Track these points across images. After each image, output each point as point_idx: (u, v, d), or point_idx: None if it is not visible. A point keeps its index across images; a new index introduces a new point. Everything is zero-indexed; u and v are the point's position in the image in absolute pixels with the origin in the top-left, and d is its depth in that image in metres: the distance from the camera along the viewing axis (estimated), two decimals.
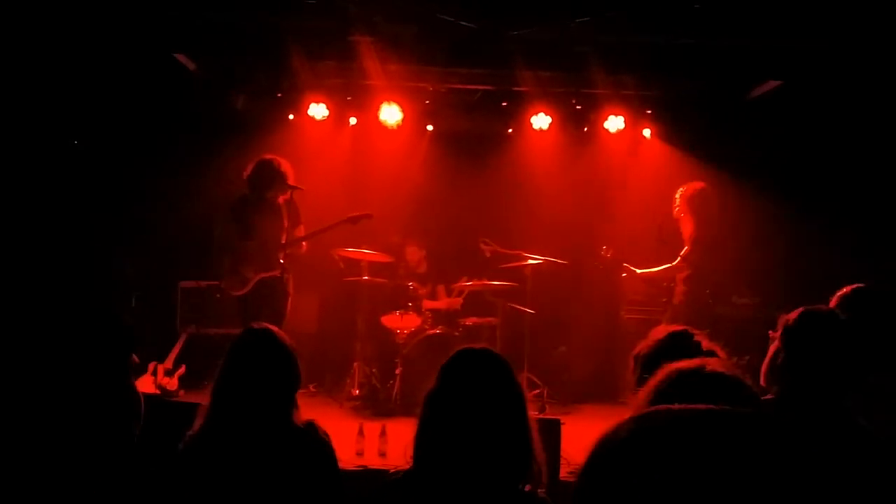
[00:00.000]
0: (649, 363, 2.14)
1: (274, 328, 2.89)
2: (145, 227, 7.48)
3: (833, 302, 3.14)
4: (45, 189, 6.97)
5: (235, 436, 2.65)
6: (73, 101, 6.94)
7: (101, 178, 7.44)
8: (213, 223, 6.23)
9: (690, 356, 1.75)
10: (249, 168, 6.08)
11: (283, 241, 5.96)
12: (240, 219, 6.08)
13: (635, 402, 1.62)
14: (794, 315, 2.69)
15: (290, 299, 6.09)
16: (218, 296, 7.37)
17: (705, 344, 2.14)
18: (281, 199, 6.02)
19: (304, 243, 6.11)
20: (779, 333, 2.71)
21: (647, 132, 8.22)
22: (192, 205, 7.29)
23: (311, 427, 2.78)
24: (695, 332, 2.25)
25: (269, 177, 5.98)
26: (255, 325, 2.90)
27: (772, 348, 2.74)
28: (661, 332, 2.24)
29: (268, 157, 6.12)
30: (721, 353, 2.14)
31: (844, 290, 3.17)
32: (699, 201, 6.02)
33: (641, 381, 2.21)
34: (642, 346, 2.21)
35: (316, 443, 2.77)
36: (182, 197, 7.41)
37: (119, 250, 7.53)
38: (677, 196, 6.10)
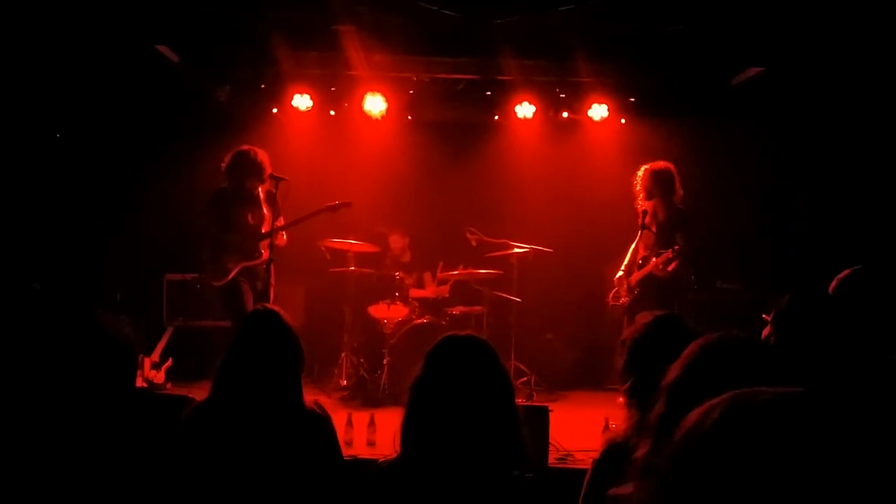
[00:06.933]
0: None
1: (278, 308, 2.93)
2: (130, 220, 7.44)
3: (833, 285, 3.13)
4: (26, 183, 6.90)
5: (245, 415, 2.66)
6: (54, 93, 6.87)
7: (84, 171, 7.39)
8: (195, 215, 6.20)
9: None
10: (227, 159, 6.06)
11: (264, 232, 5.94)
12: (219, 210, 6.06)
13: (667, 378, 1.62)
14: (785, 298, 2.71)
15: (273, 289, 6.06)
16: (198, 286, 7.35)
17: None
18: (261, 190, 6.00)
19: (284, 234, 6.09)
20: (771, 317, 2.73)
21: (622, 121, 8.23)
22: (177, 197, 7.24)
23: (319, 407, 2.83)
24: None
25: (246, 167, 5.96)
26: (261, 307, 2.97)
27: (765, 332, 2.76)
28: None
29: (244, 147, 6.10)
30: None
31: (844, 273, 3.14)
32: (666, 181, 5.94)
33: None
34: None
35: (325, 424, 2.82)
36: (167, 190, 7.37)
37: (104, 244, 7.48)
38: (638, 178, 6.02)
